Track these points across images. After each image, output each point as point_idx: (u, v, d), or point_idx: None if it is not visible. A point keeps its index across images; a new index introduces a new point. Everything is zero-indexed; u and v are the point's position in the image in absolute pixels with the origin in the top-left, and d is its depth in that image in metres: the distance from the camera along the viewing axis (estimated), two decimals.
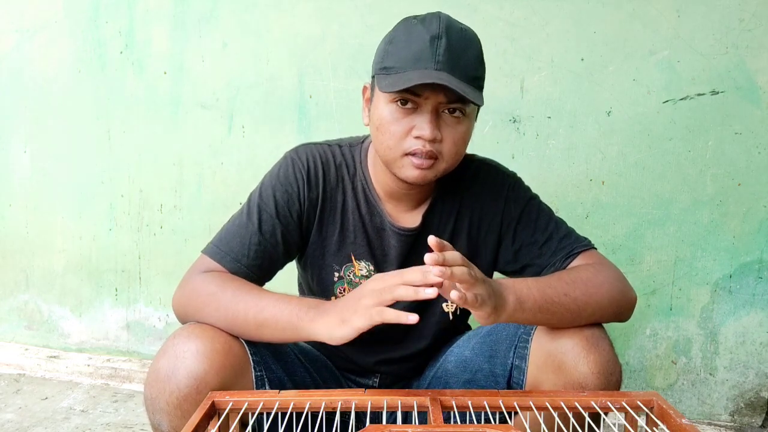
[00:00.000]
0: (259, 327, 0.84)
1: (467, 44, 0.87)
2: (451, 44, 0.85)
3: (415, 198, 1.00)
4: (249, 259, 0.93)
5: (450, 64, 0.84)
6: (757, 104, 1.46)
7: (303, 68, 1.68)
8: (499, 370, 0.95)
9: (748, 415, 1.56)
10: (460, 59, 0.85)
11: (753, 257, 1.51)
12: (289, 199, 0.97)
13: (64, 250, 1.92)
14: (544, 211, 1.03)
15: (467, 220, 1.03)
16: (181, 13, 1.74)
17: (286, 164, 0.99)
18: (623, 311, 0.91)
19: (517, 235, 1.01)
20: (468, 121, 0.91)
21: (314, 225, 1.00)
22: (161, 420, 0.79)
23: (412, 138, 0.88)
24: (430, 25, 0.86)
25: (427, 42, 0.85)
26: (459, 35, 0.87)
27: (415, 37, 0.86)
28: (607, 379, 0.82)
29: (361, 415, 0.91)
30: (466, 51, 0.87)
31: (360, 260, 1.02)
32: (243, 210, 0.98)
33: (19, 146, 1.91)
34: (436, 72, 0.83)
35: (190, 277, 0.92)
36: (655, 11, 1.47)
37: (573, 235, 1.00)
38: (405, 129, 0.88)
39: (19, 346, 1.99)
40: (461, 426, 0.63)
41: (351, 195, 1.01)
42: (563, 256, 0.96)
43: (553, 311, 0.83)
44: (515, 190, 1.03)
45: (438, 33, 0.85)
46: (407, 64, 0.85)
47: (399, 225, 1.00)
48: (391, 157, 0.90)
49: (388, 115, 0.88)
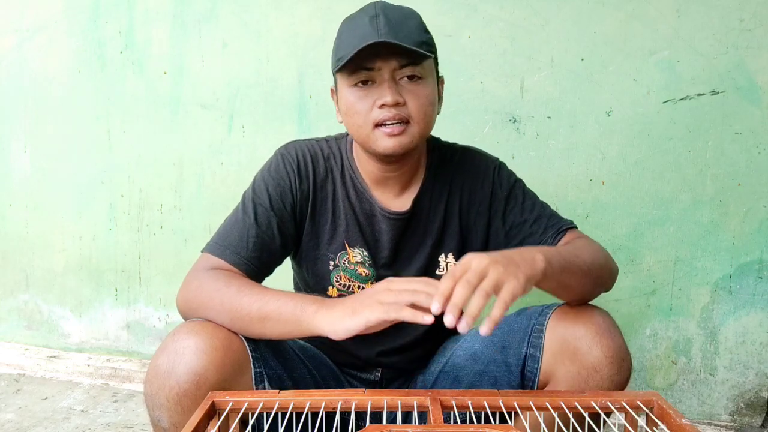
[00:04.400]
0: (261, 320, 0.84)
1: (406, 16, 0.93)
2: (390, 18, 0.90)
3: (401, 180, 1.03)
4: (248, 251, 0.95)
5: (392, 33, 0.89)
6: (757, 104, 1.46)
7: (303, 68, 1.68)
8: (512, 360, 0.96)
9: (748, 415, 1.56)
10: (401, 28, 0.90)
11: (753, 257, 1.51)
12: (282, 192, 1.00)
13: (64, 250, 1.92)
14: (528, 193, 1.07)
15: (457, 203, 1.06)
16: (181, 13, 1.74)
17: (276, 160, 1.03)
18: (609, 280, 0.97)
19: (507, 217, 1.05)
20: (428, 83, 0.94)
21: (307, 216, 1.03)
22: (161, 416, 0.80)
23: (377, 109, 0.92)
24: (367, 10, 0.93)
25: (366, 23, 0.90)
26: (396, 11, 0.93)
27: (356, 23, 0.93)
28: (620, 365, 0.85)
29: (361, 415, 0.91)
30: (406, 21, 0.92)
31: (354, 247, 1.04)
32: (238, 208, 1.01)
33: (19, 146, 1.92)
34: (381, 40, 0.88)
35: (194, 274, 0.93)
36: (655, 11, 1.47)
37: (557, 215, 1.05)
38: (369, 103, 0.92)
39: (19, 346, 1.99)
40: (461, 426, 0.63)
41: (340, 185, 1.04)
42: (553, 234, 1.01)
43: (571, 270, 0.86)
44: (500, 174, 1.07)
45: (375, 12, 0.91)
46: (354, 45, 0.89)
47: (389, 209, 1.03)
48: (364, 135, 0.94)
49: (352, 97, 0.93)
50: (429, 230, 1.05)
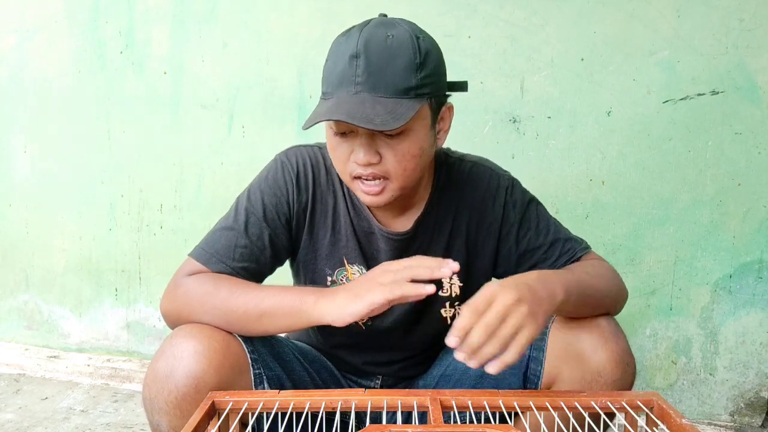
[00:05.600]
0: (259, 318, 0.83)
1: (392, 55, 0.81)
2: (371, 61, 0.80)
3: (401, 204, 0.97)
4: (234, 261, 0.91)
5: (370, 82, 0.80)
6: (757, 104, 1.46)
7: (303, 68, 1.68)
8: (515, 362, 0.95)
9: (748, 415, 1.56)
10: (383, 74, 0.80)
11: (753, 257, 1.51)
12: (278, 202, 0.95)
13: (64, 250, 1.92)
14: (543, 214, 1.02)
15: (464, 225, 1.01)
16: (181, 13, 1.74)
17: (275, 167, 0.98)
18: (619, 304, 0.95)
19: (520, 240, 1.00)
20: (413, 134, 0.85)
21: (305, 229, 0.99)
22: (160, 420, 0.79)
23: (353, 163, 0.86)
24: (349, 42, 0.82)
25: (346, 62, 0.81)
26: (380, 47, 0.81)
27: (339, 56, 0.83)
28: (624, 369, 0.85)
29: (361, 415, 0.91)
30: (391, 63, 0.80)
31: (353, 264, 1.00)
32: (230, 213, 0.96)
33: (19, 146, 1.91)
34: (356, 96, 0.80)
35: (178, 280, 0.91)
36: (655, 11, 1.47)
37: (572, 238, 1.02)
38: (346, 154, 0.86)
39: (19, 346, 1.99)
40: (461, 426, 0.63)
41: (341, 198, 0.99)
42: (567, 261, 0.98)
43: (587, 303, 0.86)
44: (513, 194, 1.01)
45: (356, 51, 0.80)
46: (333, 87, 0.83)
47: (388, 229, 0.98)
48: (346, 181, 0.91)
49: (332, 142, 0.88)
50: (432, 251, 0.99)
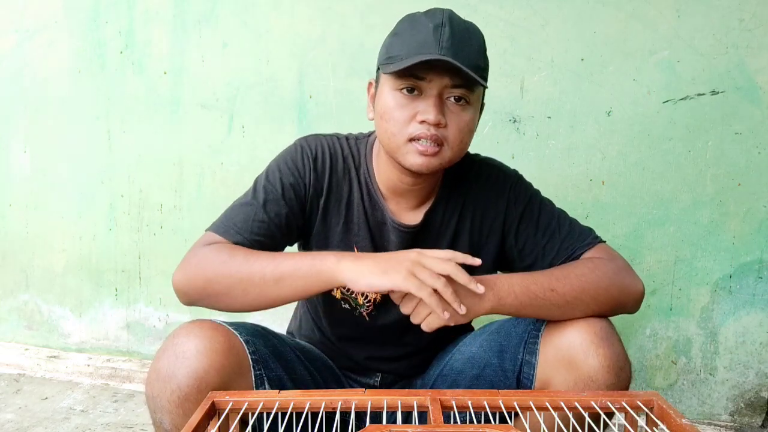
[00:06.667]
0: (278, 281, 0.84)
1: (470, 35, 0.88)
2: (455, 33, 0.85)
3: (419, 195, 1.00)
4: (251, 234, 0.93)
5: (453, 50, 0.84)
6: (757, 104, 1.46)
7: (303, 68, 1.68)
8: (508, 365, 0.95)
9: (748, 415, 1.56)
10: (463, 47, 0.85)
11: (753, 257, 1.51)
12: (296, 183, 0.97)
13: (64, 250, 1.92)
14: (545, 208, 1.02)
15: (469, 220, 1.02)
16: (181, 13, 1.74)
17: (295, 150, 1.00)
18: (625, 305, 0.91)
19: (520, 236, 1.01)
20: (473, 109, 0.90)
21: (318, 214, 1.00)
22: (163, 418, 0.80)
23: (416, 123, 0.87)
24: (433, 16, 0.87)
25: (430, 30, 0.85)
26: (462, 26, 0.87)
27: (419, 28, 0.87)
28: (618, 375, 0.82)
29: (361, 415, 0.91)
30: (470, 40, 0.87)
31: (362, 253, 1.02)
32: (248, 191, 0.98)
33: (19, 146, 1.91)
34: (441, 56, 0.83)
35: (194, 250, 0.91)
36: (655, 11, 1.47)
37: (576, 232, 0.99)
38: (409, 115, 0.87)
39: (19, 346, 1.99)
40: (461, 426, 0.63)
41: (356, 187, 1.01)
42: (565, 259, 0.96)
43: (537, 305, 0.85)
44: (517, 190, 1.03)
45: (441, 22, 0.85)
46: (411, 50, 0.85)
47: (399, 221, 1.00)
48: (395, 145, 0.90)
49: (392, 102, 0.88)
50: (437, 245, 1.01)
